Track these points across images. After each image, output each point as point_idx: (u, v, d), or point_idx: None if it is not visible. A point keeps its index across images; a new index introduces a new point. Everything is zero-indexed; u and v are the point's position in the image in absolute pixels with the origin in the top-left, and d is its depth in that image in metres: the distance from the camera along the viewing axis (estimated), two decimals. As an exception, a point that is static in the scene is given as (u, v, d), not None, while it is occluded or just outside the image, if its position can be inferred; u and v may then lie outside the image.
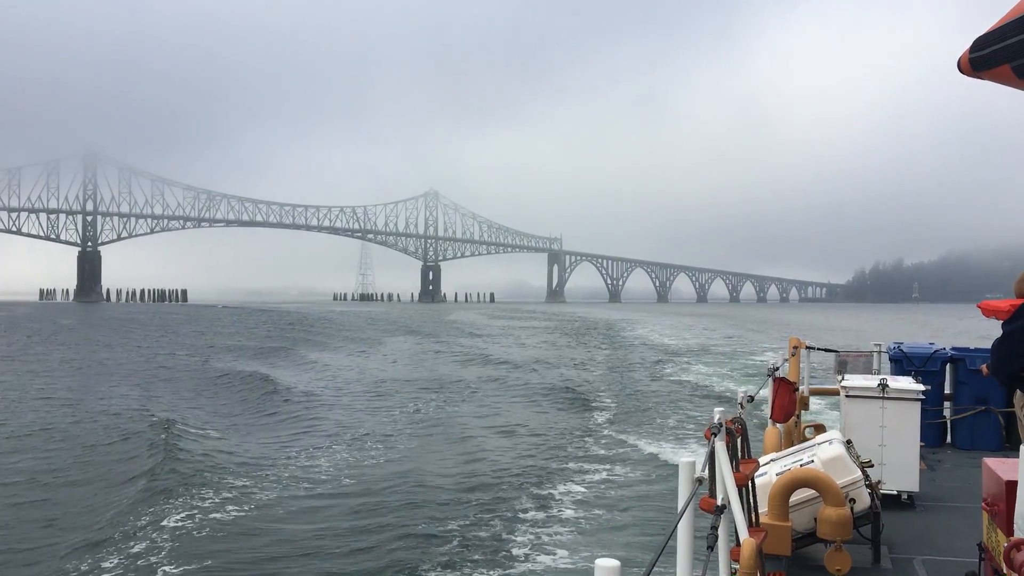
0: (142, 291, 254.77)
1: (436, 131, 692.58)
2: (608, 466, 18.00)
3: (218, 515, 13.70)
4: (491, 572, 11.33)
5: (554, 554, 12.00)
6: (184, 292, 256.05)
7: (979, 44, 3.13)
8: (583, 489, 15.92)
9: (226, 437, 21.54)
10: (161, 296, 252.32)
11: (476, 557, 11.87)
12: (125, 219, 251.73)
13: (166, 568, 11.25)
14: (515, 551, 12.13)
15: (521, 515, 14.02)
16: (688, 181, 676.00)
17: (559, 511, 14.31)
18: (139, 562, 11.50)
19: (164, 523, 13.16)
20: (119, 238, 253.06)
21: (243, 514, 13.84)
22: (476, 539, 12.64)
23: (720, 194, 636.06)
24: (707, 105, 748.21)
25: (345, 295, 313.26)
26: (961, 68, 3.23)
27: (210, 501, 14.52)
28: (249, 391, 31.26)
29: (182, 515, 13.63)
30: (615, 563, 2.64)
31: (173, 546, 12.13)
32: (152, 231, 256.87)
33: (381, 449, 19.83)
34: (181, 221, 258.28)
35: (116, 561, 11.58)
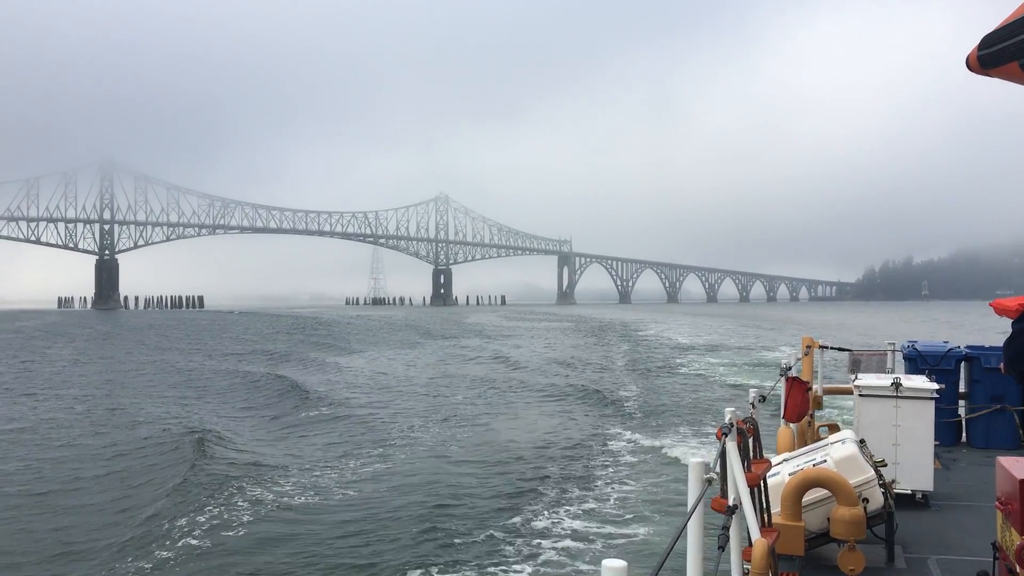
0: (160, 297, 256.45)
1: (447, 135, 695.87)
2: (622, 465, 18.01)
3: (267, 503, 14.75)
4: (498, 571, 11.36)
5: (562, 554, 12.02)
6: (201, 298, 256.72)
7: (987, 42, 3.12)
8: (594, 488, 15.94)
9: (301, 438, 22.61)
10: (178, 303, 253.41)
11: (484, 556, 11.93)
12: (142, 227, 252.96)
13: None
14: (523, 550, 12.19)
15: (530, 514, 14.10)
16: (697, 181, 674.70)
17: (569, 510, 14.35)
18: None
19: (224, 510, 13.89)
20: (136, 246, 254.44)
21: (299, 504, 15.00)
22: (485, 538, 12.75)
23: (729, 194, 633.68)
24: (718, 105, 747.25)
25: (357, 299, 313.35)
26: (970, 66, 3.22)
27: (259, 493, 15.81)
28: (316, 394, 31.68)
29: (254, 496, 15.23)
30: (622, 564, 2.64)
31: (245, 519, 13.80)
32: (168, 239, 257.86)
33: (409, 448, 20.38)
34: (196, 228, 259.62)
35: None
